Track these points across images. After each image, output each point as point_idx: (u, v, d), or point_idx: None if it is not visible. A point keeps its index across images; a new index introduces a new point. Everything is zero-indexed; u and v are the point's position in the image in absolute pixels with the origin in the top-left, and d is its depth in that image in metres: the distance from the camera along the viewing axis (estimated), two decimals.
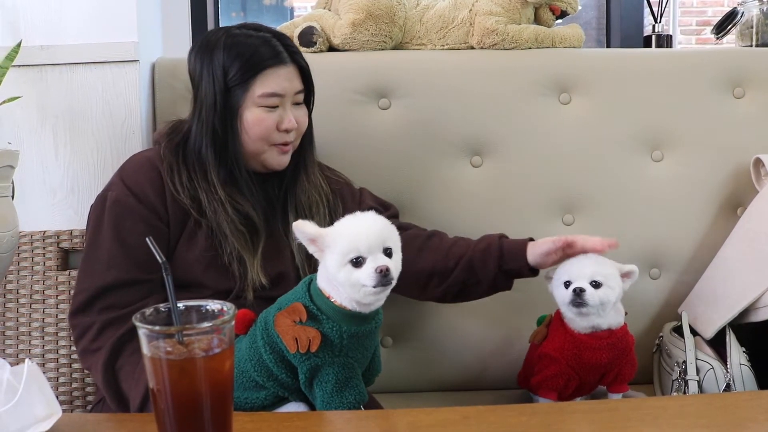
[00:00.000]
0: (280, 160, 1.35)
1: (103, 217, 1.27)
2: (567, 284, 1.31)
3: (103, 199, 1.29)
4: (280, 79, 1.30)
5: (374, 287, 1.02)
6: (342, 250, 1.03)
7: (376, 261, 1.02)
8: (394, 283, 1.04)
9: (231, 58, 1.28)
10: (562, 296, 1.32)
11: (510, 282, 1.39)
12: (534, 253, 1.33)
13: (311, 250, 1.08)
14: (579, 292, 1.28)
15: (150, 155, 1.34)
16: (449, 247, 1.40)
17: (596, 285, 1.28)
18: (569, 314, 1.33)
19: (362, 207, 1.44)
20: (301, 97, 1.36)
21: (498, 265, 1.35)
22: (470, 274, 1.37)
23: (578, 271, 1.30)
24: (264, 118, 1.30)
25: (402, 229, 1.43)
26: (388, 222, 1.08)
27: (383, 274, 1.02)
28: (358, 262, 1.02)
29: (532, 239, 1.37)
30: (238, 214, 1.30)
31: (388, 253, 1.05)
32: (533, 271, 1.35)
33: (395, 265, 1.05)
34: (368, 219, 1.08)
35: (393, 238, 1.07)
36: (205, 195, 1.29)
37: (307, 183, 1.40)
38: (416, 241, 1.41)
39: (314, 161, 1.44)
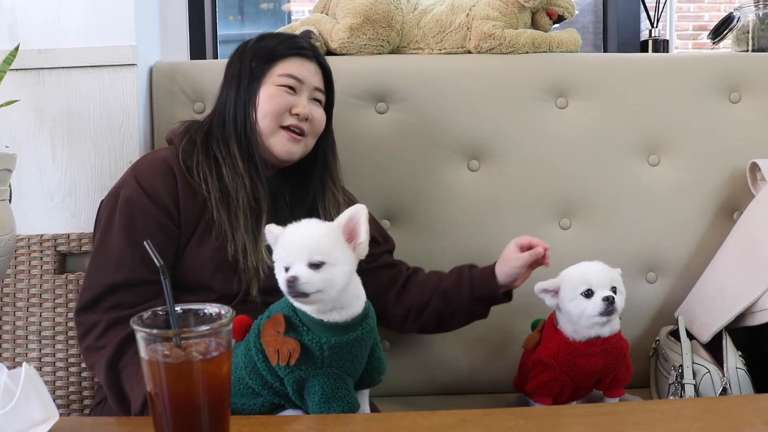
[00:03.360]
0: (289, 147, 1.34)
1: (114, 214, 1.26)
2: (588, 293, 1.28)
3: (115, 196, 1.28)
4: (301, 67, 1.36)
5: (291, 297, 1.01)
6: (276, 256, 1.04)
7: (292, 271, 1.00)
8: (312, 295, 1.00)
9: (262, 42, 1.38)
10: (585, 307, 1.27)
11: (486, 310, 1.41)
12: (501, 271, 1.33)
13: None
14: (612, 301, 1.26)
15: (165, 155, 1.33)
16: (423, 281, 1.43)
17: (614, 291, 1.28)
18: (589, 323, 1.29)
19: None
20: (320, 96, 1.39)
21: (471, 293, 1.37)
22: (445, 304, 1.39)
23: (597, 278, 1.28)
24: (277, 96, 1.33)
25: (390, 266, 1.45)
26: (321, 232, 1.02)
27: (289, 284, 0.99)
28: (287, 270, 1.01)
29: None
30: (253, 191, 1.30)
31: (315, 265, 1.00)
32: (507, 295, 1.37)
33: (320, 277, 0.99)
34: (300, 227, 1.04)
35: (323, 250, 1.00)
36: (228, 169, 1.30)
37: (332, 200, 1.40)
38: (396, 283, 1.43)
39: (339, 180, 1.44)
